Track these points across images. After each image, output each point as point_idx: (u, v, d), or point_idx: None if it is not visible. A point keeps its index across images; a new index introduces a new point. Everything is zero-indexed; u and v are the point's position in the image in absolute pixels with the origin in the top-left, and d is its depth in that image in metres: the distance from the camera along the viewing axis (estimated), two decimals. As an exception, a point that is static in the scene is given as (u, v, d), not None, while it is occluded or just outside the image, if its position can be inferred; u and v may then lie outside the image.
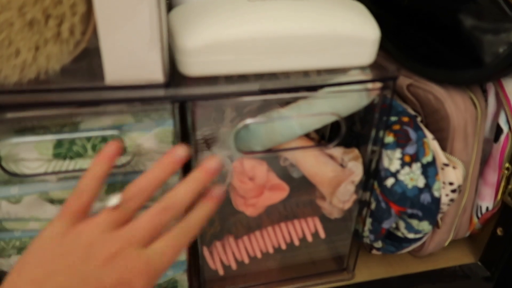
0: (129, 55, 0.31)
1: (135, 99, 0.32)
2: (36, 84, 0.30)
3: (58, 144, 0.33)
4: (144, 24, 0.29)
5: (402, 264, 0.56)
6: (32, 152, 0.33)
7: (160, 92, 0.33)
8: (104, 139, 0.34)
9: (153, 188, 0.30)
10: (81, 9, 0.29)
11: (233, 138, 0.39)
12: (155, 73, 0.32)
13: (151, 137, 0.35)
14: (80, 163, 0.34)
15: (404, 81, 0.47)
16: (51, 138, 0.33)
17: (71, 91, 0.31)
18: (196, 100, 0.34)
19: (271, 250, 0.49)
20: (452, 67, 0.44)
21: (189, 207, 0.31)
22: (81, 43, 0.31)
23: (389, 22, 0.51)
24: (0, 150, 0.32)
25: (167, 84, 0.33)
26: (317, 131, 0.45)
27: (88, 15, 0.30)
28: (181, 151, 0.31)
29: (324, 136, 0.50)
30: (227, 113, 0.45)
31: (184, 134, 0.37)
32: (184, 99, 0.34)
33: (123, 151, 0.34)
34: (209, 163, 0.32)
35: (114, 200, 0.28)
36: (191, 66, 0.35)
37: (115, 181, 0.36)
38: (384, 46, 0.45)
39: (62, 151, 0.33)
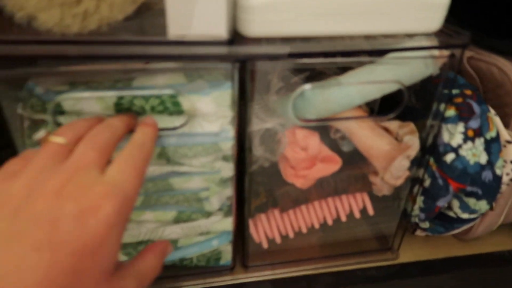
0: (194, 9, 0.29)
1: (199, 56, 0.30)
2: (97, 36, 0.29)
3: (119, 101, 0.32)
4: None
5: (446, 246, 0.54)
6: (94, 107, 0.32)
7: (223, 50, 0.31)
8: (162, 102, 0.33)
9: (90, 123, 0.28)
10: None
11: (291, 105, 0.38)
12: (219, 29, 0.31)
13: (209, 101, 0.34)
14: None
15: (465, 53, 0.45)
16: (113, 94, 0.31)
17: (133, 44, 0.29)
18: (261, 59, 0.33)
19: (317, 225, 0.47)
20: (521, 37, 0.41)
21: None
22: (142, -6, 0.30)
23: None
24: (63, 104, 0.31)
25: (230, 42, 0.31)
26: (366, 104, 0.43)
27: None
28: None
29: (373, 110, 0.48)
30: (273, 82, 0.43)
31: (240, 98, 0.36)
32: (248, 58, 0.32)
33: (180, 111, 0.33)
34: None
35: (40, 133, 0.29)
36: (252, 25, 0.33)
37: (169, 143, 0.35)
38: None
39: (122, 108, 0.32)
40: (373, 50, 0.36)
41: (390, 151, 0.41)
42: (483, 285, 0.53)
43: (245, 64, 0.33)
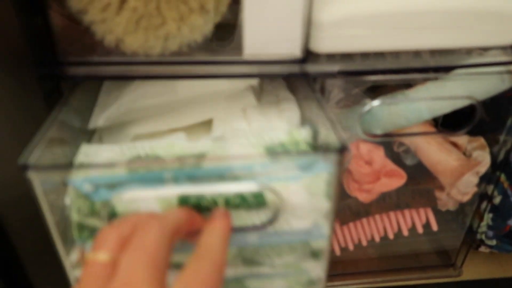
0: (270, 29, 0.30)
1: (272, 74, 0.31)
2: (177, 56, 0.30)
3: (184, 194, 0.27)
4: (292, 12, 0.28)
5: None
6: (152, 205, 0.27)
7: (296, 68, 0.32)
8: (243, 198, 0.27)
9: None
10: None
11: (357, 120, 0.37)
12: (293, 48, 0.31)
13: (299, 188, 0.27)
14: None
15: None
16: (179, 190, 0.26)
17: (211, 64, 0.30)
18: (333, 77, 0.33)
19: (377, 239, 0.47)
20: None
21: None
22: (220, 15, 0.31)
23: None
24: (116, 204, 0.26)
25: (303, 60, 0.32)
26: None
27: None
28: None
29: (437, 123, 0.46)
30: (334, 93, 0.43)
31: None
32: (320, 76, 0.32)
33: (263, 205, 0.27)
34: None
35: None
36: (323, 41, 0.34)
37: (248, 243, 0.29)
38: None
39: (189, 203, 0.27)
40: (446, 66, 0.36)
41: (458, 167, 0.40)
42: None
43: (316, 80, 0.34)
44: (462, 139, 0.41)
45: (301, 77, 0.33)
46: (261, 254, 0.29)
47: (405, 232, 0.46)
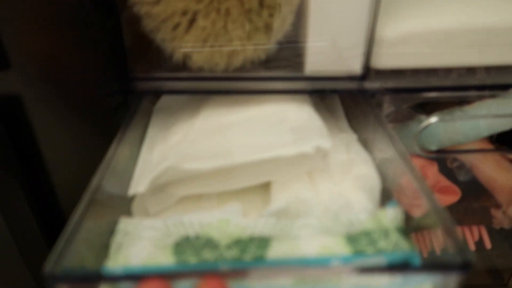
0: (333, 48, 0.30)
1: (332, 90, 0.31)
2: (240, 72, 0.31)
3: None
4: (359, 18, 0.29)
5: None
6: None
7: (355, 85, 0.32)
8: None
9: None
10: (296, 1, 0.29)
11: (413, 136, 0.37)
12: (354, 65, 0.31)
13: None
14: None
15: None
16: None
17: (273, 80, 0.31)
18: (391, 93, 0.33)
19: (425, 254, 0.46)
20: None
21: None
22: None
23: None
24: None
25: (363, 77, 0.32)
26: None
27: (299, 6, 0.30)
28: None
29: (492, 139, 0.45)
30: (384, 106, 0.43)
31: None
32: (379, 92, 0.33)
33: None
34: None
35: None
36: (384, 58, 0.34)
37: None
38: None
39: None
40: (503, 84, 0.35)
41: (517, 186, 0.39)
42: None
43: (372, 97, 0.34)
44: (521, 156, 0.40)
45: (360, 94, 0.33)
46: None
47: (457, 249, 0.45)
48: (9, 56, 0.29)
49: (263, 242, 0.22)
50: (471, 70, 0.37)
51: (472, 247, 0.45)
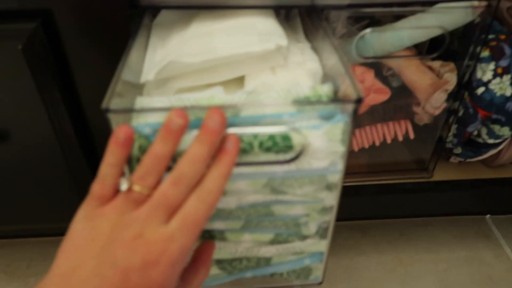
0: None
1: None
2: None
3: None
4: None
5: (476, 171, 0.65)
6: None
7: (308, 1, 0.42)
8: (272, 137, 0.31)
9: (162, 163, 0.28)
10: None
11: (354, 45, 0.49)
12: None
13: (320, 135, 0.32)
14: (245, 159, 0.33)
15: (504, 3, 0.53)
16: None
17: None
18: (332, 9, 0.43)
19: (366, 146, 0.59)
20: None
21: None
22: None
23: None
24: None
25: (313, -5, 0.42)
26: (416, 46, 0.53)
27: None
28: (177, 120, 0.28)
29: (422, 52, 0.57)
30: (338, 28, 0.54)
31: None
32: (324, 8, 0.43)
33: (290, 148, 0.32)
34: (209, 121, 0.29)
35: (123, 185, 0.29)
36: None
37: (276, 176, 0.34)
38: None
39: None
40: (423, 1, 0.46)
41: (430, 85, 0.52)
42: (502, 205, 0.64)
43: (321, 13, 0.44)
44: (436, 63, 0.52)
45: (311, 9, 0.43)
46: (285, 185, 0.35)
47: (389, 140, 0.58)
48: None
49: (237, 109, 0.32)
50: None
51: (400, 137, 0.58)
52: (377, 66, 0.54)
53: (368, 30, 0.47)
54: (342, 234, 0.74)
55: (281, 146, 0.31)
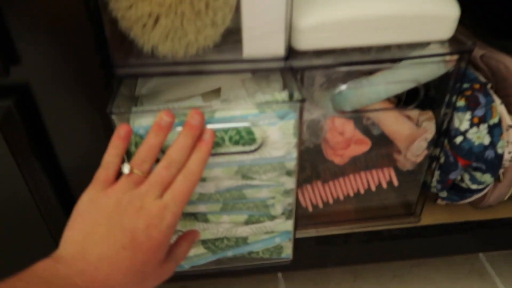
0: (262, 36, 0.41)
1: (265, 69, 0.43)
2: (196, 57, 0.42)
3: None
4: (278, 14, 0.40)
5: (463, 213, 0.64)
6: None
7: (282, 64, 0.43)
8: (239, 132, 0.41)
9: (155, 151, 0.37)
10: (233, 3, 0.40)
11: (330, 100, 0.49)
12: (279, 49, 0.43)
13: (276, 129, 0.42)
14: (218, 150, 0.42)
15: (478, 51, 0.54)
16: None
17: (220, 63, 0.42)
18: (309, 69, 0.44)
19: (351, 194, 0.59)
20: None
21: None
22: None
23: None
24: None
25: (286, 58, 0.43)
26: (396, 95, 0.54)
27: (236, 7, 0.40)
28: (166, 118, 0.37)
29: (401, 100, 0.58)
30: (317, 79, 0.55)
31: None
32: (300, 69, 0.44)
33: (253, 141, 0.41)
34: (191, 120, 0.38)
35: (125, 169, 0.36)
36: (302, 42, 0.45)
37: (244, 164, 0.43)
38: (460, 18, 0.51)
39: None
40: (395, 58, 0.47)
41: (410, 135, 0.52)
42: (493, 243, 0.63)
43: (297, 72, 0.45)
44: (414, 112, 0.53)
45: (286, 71, 0.44)
46: (253, 171, 0.44)
47: (373, 188, 0.58)
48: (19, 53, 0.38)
49: (213, 109, 0.41)
50: (368, 49, 0.49)
51: (384, 185, 0.58)
52: (357, 116, 0.55)
53: (343, 87, 0.48)
54: (334, 279, 0.73)
55: (246, 139, 0.42)
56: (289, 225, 0.51)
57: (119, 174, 0.38)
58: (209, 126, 0.40)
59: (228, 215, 0.48)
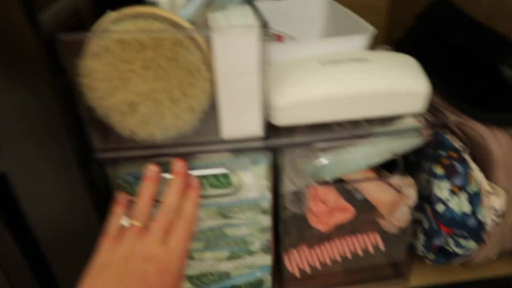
0: (240, 119, 0.43)
1: (245, 149, 0.44)
2: (176, 140, 0.43)
3: None
4: (254, 97, 0.41)
5: (453, 273, 0.64)
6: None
7: (260, 143, 0.44)
8: (217, 178, 0.46)
9: (150, 201, 0.41)
10: (208, 89, 0.41)
11: (311, 172, 0.50)
12: (256, 130, 0.44)
13: (250, 174, 0.47)
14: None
15: (454, 118, 0.55)
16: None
17: (200, 145, 0.43)
18: (287, 147, 0.46)
19: (338, 258, 0.59)
20: (495, 109, 0.51)
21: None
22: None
23: (439, 62, 0.59)
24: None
25: (264, 137, 0.44)
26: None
27: (212, 93, 0.42)
28: (153, 168, 0.42)
29: (383, 166, 0.59)
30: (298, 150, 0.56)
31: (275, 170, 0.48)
32: (278, 147, 0.45)
33: (230, 185, 0.46)
34: (177, 167, 0.43)
35: (125, 222, 0.40)
36: (279, 119, 0.46)
37: (223, 204, 0.48)
38: (435, 87, 0.52)
39: None
40: (372, 133, 0.48)
41: (392, 202, 0.53)
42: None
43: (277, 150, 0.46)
44: (395, 179, 0.54)
45: (265, 150, 0.45)
46: (231, 211, 0.49)
47: (360, 252, 0.58)
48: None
49: (195, 159, 0.46)
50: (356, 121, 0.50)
51: (371, 249, 0.58)
52: (339, 186, 0.55)
53: (324, 161, 0.49)
54: None
55: (224, 184, 0.47)
56: (267, 259, 0.55)
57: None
58: (193, 172, 0.45)
59: (211, 251, 0.53)
